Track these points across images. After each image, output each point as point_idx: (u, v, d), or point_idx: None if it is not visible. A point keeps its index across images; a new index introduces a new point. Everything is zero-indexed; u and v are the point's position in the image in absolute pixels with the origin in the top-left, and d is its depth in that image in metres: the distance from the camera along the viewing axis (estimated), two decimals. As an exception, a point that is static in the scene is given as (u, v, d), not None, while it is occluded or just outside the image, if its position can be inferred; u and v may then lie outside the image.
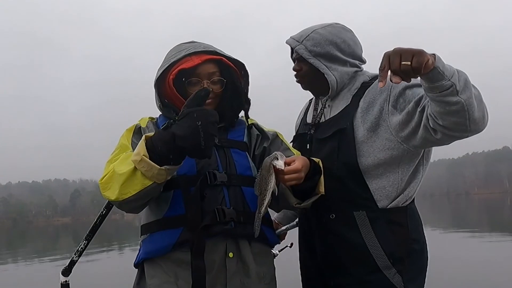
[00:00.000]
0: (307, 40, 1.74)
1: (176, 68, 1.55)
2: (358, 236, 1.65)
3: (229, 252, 1.51)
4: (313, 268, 1.80)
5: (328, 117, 1.80)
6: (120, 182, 1.40)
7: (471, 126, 1.42)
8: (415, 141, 1.58)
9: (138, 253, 1.61)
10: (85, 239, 1.92)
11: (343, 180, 1.68)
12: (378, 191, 1.66)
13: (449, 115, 1.40)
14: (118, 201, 1.44)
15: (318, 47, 1.72)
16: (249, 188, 1.55)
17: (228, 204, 1.52)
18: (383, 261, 1.62)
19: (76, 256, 1.93)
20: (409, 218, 1.69)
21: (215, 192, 1.52)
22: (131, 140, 1.59)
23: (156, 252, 1.53)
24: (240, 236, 1.53)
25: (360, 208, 1.67)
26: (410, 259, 1.65)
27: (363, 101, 1.70)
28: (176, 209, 1.51)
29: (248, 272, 1.53)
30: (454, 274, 7.63)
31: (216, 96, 1.60)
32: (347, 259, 1.68)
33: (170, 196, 1.52)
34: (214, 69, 1.59)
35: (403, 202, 1.69)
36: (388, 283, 1.62)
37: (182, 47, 1.61)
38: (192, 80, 1.57)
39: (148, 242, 1.56)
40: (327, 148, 1.73)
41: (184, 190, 1.51)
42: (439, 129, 1.47)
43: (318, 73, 1.74)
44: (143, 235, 1.60)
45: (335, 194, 1.67)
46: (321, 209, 1.71)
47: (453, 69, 1.36)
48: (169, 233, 1.51)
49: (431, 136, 1.52)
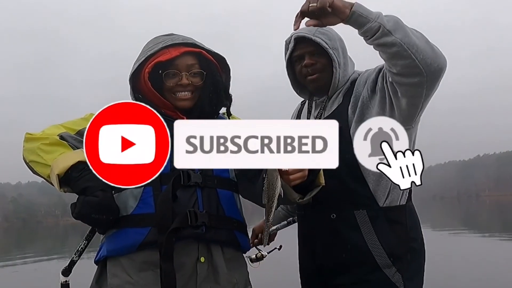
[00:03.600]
0: (320, 33, 1.70)
1: (152, 62, 1.49)
2: (359, 235, 1.64)
3: (200, 257, 1.46)
4: (312, 268, 1.79)
5: (322, 117, 1.79)
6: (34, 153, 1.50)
7: (424, 66, 1.43)
8: (396, 113, 1.58)
9: (100, 249, 1.53)
10: (85, 239, 1.89)
11: (343, 179, 1.66)
12: (376, 186, 1.65)
13: (394, 58, 1.44)
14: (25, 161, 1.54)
15: (332, 40, 1.71)
16: (224, 190, 1.51)
17: (201, 207, 1.46)
18: (384, 260, 1.62)
19: (76, 256, 1.91)
20: (407, 217, 1.69)
21: (188, 193, 1.46)
22: (74, 132, 1.56)
23: (120, 250, 1.46)
24: (212, 241, 1.48)
25: (361, 207, 1.66)
26: (410, 258, 1.66)
27: (353, 96, 1.71)
28: (145, 207, 1.45)
29: (218, 279, 1.48)
30: (466, 274, 7.61)
31: (195, 89, 1.53)
32: (348, 258, 1.67)
33: (140, 193, 1.45)
34: (193, 61, 1.52)
35: (400, 196, 1.68)
36: (388, 282, 1.62)
37: (159, 39, 1.54)
38: (169, 72, 1.50)
39: (112, 239, 1.48)
40: None
41: (155, 188, 1.44)
42: (396, 79, 1.50)
43: (330, 69, 1.72)
44: (108, 231, 1.51)
45: (336, 194, 1.65)
46: (321, 209, 1.70)
47: (379, 13, 1.42)
48: (136, 231, 1.45)
49: (398, 97, 1.54)
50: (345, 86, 1.76)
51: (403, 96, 1.54)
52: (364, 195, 1.66)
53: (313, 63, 1.73)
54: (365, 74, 1.74)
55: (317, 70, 1.74)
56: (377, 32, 1.41)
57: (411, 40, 1.42)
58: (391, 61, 1.47)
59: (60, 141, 1.50)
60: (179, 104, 1.52)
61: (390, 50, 1.43)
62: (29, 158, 1.52)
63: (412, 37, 1.42)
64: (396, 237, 1.65)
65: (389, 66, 1.49)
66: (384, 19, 1.42)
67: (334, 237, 1.69)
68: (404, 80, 1.48)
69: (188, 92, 1.52)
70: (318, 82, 1.76)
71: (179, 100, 1.52)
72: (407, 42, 1.41)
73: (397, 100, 1.56)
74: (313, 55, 1.73)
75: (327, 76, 1.74)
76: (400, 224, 1.67)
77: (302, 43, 1.74)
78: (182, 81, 1.50)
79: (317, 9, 1.37)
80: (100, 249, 1.54)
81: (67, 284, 1.91)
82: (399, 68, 1.46)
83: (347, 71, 1.76)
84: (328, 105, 1.79)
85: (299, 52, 1.75)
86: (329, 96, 1.78)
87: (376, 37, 1.42)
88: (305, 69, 1.75)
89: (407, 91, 1.52)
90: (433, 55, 1.45)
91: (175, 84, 1.51)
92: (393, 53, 1.43)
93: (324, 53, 1.71)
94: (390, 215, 1.66)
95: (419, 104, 1.57)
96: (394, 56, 1.44)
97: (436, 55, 1.46)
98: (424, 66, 1.44)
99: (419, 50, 1.42)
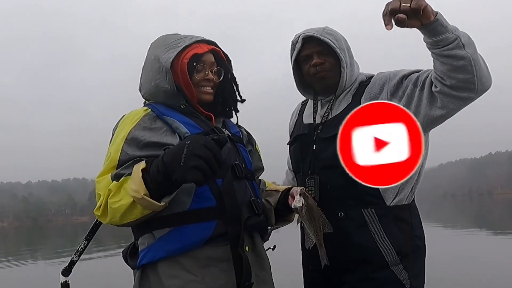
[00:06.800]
0: (327, 34, 1.74)
1: (188, 53, 1.51)
2: (367, 234, 1.65)
3: (245, 246, 1.46)
4: (318, 266, 1.73)
5: (330, 117, 1.79)
6: (118, 214, 1.34)
7: (478, 84, 1.47)
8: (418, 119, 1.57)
9: (144, 252, 1.43)
10: (85, 239, 1.88)
11: (351, 178, 1.62)
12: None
13: (457, 71, 1.46)
14: (116, 224, 1.39)
15: (338, 41, 1.75)
16: (255, 182, 1.60)
17: (253, 196, 1.51)
18: (393, 257, 1.63)
19: (76, 256, 1.91)
20: (412, 215, 1.72)
21: (241, 185, 1.49)
22: (121, 150, 1.42)
23: (183, 249, 1.39)
24: (258, 229, 1.54)
25: (369, 205, 1.67)
26: (415, 255, 1.68)
27: (364, 98, 1.73)
28: (203, 201, 1.41)
29: (263, 265, 1.52)
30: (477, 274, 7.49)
31: (214, 85, 1.59)
32: (356, 256, 1.67)
33: (193, 188, 1.40)
34: (213, 59, 1.58)
35: (407, 195, 1.70)
36: (395, 279, 1.63)
37: (178, 36, 1.57)
38: (199, 67, 1.54)
39: (169, 238, 1.40)
40: (333, 146, 1.67)
41: (211, 182, 1.41)
42: (445, 91, 1.51)
43: (337, 68, 1.75)
44: (157, 230, 1.42)
45: (344, 192, 1.67)
46: (329, 207, 1.67)
47: (455, 26, 1.44)
48: (200, 227, 1.39)
49: (435, 106, 1.56)
50: (353, 86, 1.79)
51: (441, 107, 1.56)
52: (372, 194, 1.66)
53: (322, 62, 1.75)
54: (381, 78, 1.75)
55: (326, 69, 1.76)
56: (451, 43, 1.43)
57: (478, 57, 1.46)
58: (451, 73, 1.47)
59: (117, 184, 1.35)
60: (202, 97, 1.56)
61: (457, 63, 1.45)
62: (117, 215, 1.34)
63: (479, 54, 1.47)
64: (403, 235, 1.66)
65: (444, 78, 1.49)
66: (460, 33, 1.45)
67: (342, 235, 1.67)
68: (454, 93, 1.51)
69: (209, 87, 1.56)
70: (327, 81, 1.78)
71: (203, 93, 1.56)
72: (475, 58, 1.45)
73: (429, 110, 1.58)
74: (321, 55, 1.75)
75: (335, 75, 1.76)
76: (406, 222, 1.69)
77: (310, 43, 1.76)
78: (208, 76, 1.55)
79: (410, 10, 1.34)
80: (146, 252, 1.43)
81: (67, 284, 1.90)
82: (455, 82, 1.48)
83: (353, 72, 1.80)
84: (335, 104, 1.80)
85: (307, 51, 1.77)
86: (336, 96, 1.80)
87: (449, 48, 1.44)
88: (313, 68, 1.77)
89: (449, 103, 1.54)
90: (488, 75, 1.51)
91: (202, 78, 1.54)
92: (459, 66, 1.45)
93: (332, 53, 1.74)
94: (397, 213, 1.68)
95: (449, 117, 1.61)
96: (457, 69, 1.46)
97: (490, 75, 1.52)
98: (479, 84, 1.48)
99: (481, 68, 1.47)
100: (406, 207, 1.70)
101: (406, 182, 1.67)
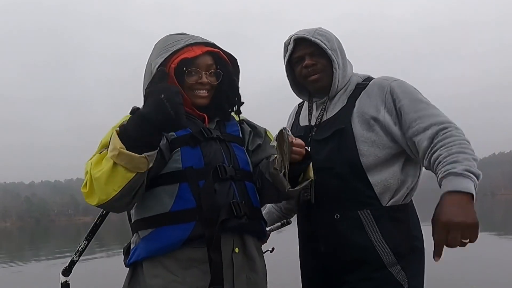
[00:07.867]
0: (319, 35, 1.74)
1: (177, 58, 1.50)
2: (363, 235, 1.65)
3: (235, 247, 1.47)
4: (317, 268, 1.78)
5: (325, 118, 1.79)
6: (101, 183, 1.31)
7: None
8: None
9: (132, 251, 1.49)
10: (85, 239, 1.89)
11: (347, 179, 1.67)
12: (380, 185, 1.66)
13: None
14: (103, 203, 1.35)
15: (330, 42, 1.74)
16: (250, 183, 1.56)
17: (238, 198, 1.49)
18: (389, 258, 1.63)
19: (76, 256, 1.92)
20: (409, 216, 1.71)
21: (225, 186, 1.48)
22: (111, 135, 1.42)
23: (163, 249, 1.42)
24: (247, 231, 1.51)
25: (365, 206, 1.66)
26: (413, 256, 1.68)
27: (359, 101, 1.72)
28: (184, 203, 1.43)
29: (254, 267, 1.51)
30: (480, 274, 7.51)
31: (212, 88, 1.58)
32: (353, 257, 1.67)
33: (175, 189, 1.44)
34: (211, 61, 1.56)
35: (404, 196, 1.70)
36: (393, 280, 1.63)
37: (176, 37, 1.56)
38: (192, 70, 1.52)
39: (151, 239, 1.45)
40: (327, 148, 1.72)
41: (193, 183, 1.44)
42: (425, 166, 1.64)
43: (330, 69, 1.74)
44: (141, 231, 1.48)
45: (339, 194, 1.68)
46: (325, 209, 1.70)
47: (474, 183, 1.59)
48: (179, 228, 1.42)
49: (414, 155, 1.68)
50: (349, 88, 1.78)
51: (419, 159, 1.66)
52: (368, 195, 1.66)
53: (313, 64, 1.75)
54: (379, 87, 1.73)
55: (317, 70, 1.76)
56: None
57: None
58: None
59: (99, 155, 1.38)
60: (196, 101, 1.56)
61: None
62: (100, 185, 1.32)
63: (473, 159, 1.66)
64: (400, 236, 1.66)
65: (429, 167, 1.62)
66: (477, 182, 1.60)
67: (338, 237, 1.68)
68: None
69: (205, 91, 1.55)
70: (319, 83, 1.78)
71: (197, 97, 1.55)
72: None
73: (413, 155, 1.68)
74: (313, 56, 1.75)
75: (327, 76, 1.76)
76: (403, 222, 1.69)
77: (301, 45, 1.76)
78: (202, 79, 1.53)
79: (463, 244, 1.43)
80: (133, 251, 1.49)
81: (67, 284, 1.91)
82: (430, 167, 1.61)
83: (346, 72, 1.79)
84: (330, 106, 1.79)
85: (299, 53, 1.77)
86: (330, 97, 1.79)
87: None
88: (305, 69, 1.76)
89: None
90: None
91: (195, 82, 1.53)
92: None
93: (324, 54, 1.74)
94: (393, 214, 1.67)
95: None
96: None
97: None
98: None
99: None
100: (402, 208, 1.69)
101: (403, 183, 1.69)
